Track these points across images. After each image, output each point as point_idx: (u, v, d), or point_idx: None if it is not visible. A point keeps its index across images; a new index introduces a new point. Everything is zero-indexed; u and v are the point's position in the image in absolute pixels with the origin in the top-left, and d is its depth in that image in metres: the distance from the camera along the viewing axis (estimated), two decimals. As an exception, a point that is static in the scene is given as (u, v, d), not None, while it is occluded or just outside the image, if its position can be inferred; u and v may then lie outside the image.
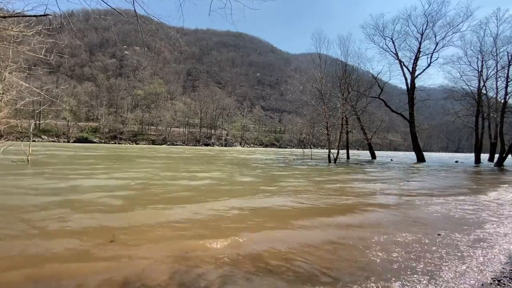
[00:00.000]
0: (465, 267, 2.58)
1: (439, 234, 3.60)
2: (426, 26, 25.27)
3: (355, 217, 4.45)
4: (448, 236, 3.56)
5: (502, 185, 9.46)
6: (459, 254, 2.92)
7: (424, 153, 27.25)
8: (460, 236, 3.58)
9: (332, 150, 19.19)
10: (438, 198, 6.43)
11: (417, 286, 2.20)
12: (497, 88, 24.98)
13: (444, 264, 2.65)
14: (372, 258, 2.72)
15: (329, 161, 18.90)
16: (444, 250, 3.02)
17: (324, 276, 2.32)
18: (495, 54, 23.55)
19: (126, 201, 5.10)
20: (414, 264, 2.61)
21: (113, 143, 64.47)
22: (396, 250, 2.98)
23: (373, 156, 28.47)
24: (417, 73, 26.17)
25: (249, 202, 5.38)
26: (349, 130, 24.79)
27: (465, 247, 3.15)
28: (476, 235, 3.63)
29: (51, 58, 6.58)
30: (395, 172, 13.73)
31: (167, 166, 12.92)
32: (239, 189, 6.99)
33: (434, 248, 3.09)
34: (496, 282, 2.31)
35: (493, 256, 2.89)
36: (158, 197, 5.63)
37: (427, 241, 3.33)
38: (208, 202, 5.10)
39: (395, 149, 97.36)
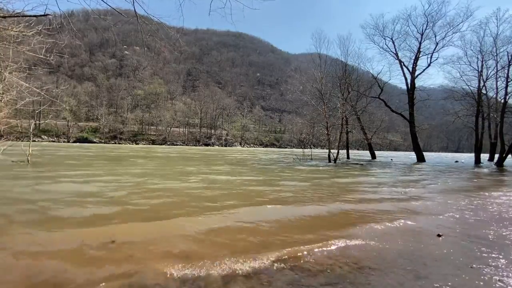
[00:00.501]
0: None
1: (439, 235, 3.60)
2: (426, 26, 25.30)
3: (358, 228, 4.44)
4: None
5: (503, 185, 9.47)
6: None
7: (424, 153, 27.26)
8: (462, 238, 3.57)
9: (332, 150, 19.20)
10: (441, 198, 6.43)
11: None
12: (497, 88, 25.00)
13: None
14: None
15: (329, 161, 18.91)
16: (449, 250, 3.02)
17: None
18: (495, 54, 23.56)
19: (127, 207, 5.09)
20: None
21: (113, 143, 64.48)
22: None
23: (373, 156, 28.48)
24: (417, 73, 26.20)
25: (254, 210, 4.92)
26: (349, 130, 24.80)
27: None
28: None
29: (51, 58, 6.58)
30: (396, 173, 13.74)
31: (163, 167, 12.92)
32: (240, 195, 6.77)
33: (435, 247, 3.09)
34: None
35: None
36: (153, 201, 5.60)
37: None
38: (206, 212, 4.53)
39: (395, 149, 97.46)
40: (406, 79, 26.55)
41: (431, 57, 26.03)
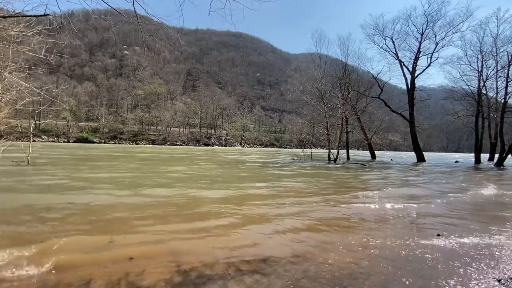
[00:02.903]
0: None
1: (438, 235, 3.61)
2: (426, 26, 25.33)
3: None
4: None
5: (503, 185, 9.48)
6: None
7: (424, 153, 27.25)
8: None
9: (332, 150, 19.20)
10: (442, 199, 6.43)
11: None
12: (497, 88, 25.01)
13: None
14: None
15: (329, 161, 18.92)
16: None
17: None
18: (495, 54, 23.58)
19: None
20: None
21: (113, 143, 64.44)
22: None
23: (373, 156, 28.47)
24: (417, 73, 26.22)
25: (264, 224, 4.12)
26: (349, 130, 24.77)
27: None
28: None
29: (51, 58, 6.57)
30: (396, 174, 13.74)
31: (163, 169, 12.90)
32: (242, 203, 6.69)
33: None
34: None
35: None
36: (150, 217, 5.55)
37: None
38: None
39: (395, 149, 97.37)
40: (406, 79, 26.58)
41: (431, 57, 26.09)
